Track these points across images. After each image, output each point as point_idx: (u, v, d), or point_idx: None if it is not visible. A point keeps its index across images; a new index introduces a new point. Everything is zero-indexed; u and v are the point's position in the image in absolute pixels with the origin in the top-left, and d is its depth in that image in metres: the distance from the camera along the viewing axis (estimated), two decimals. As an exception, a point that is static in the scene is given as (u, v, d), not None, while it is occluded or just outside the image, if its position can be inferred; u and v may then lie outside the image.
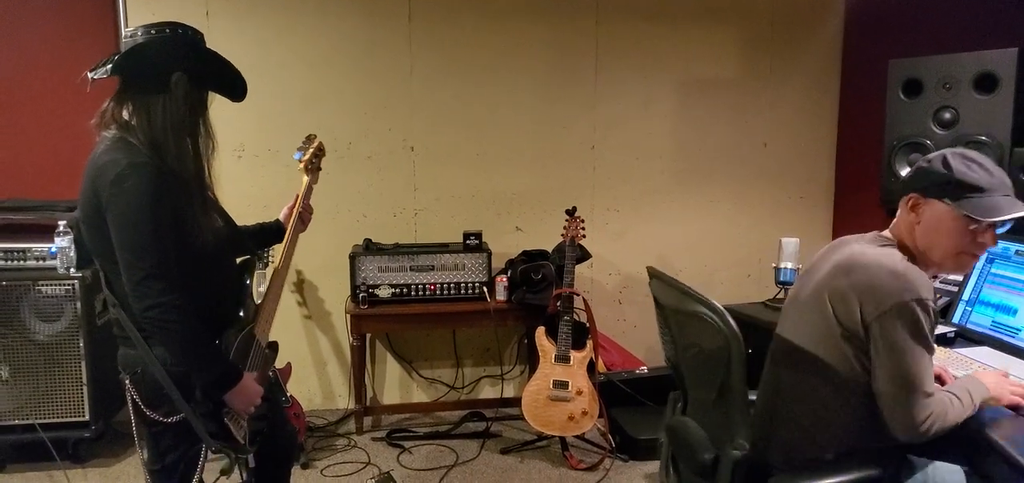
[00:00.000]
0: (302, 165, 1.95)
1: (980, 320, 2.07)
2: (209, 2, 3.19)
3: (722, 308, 1.47)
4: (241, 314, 1.69)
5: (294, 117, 3.27)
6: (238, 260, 1.79)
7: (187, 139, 1.55)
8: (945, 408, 1.44)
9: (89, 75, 1.51)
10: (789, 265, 2.73)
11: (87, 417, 2.81)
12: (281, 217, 1.97)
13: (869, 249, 1.51)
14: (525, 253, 3.37)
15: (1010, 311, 2.00)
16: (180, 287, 1.46)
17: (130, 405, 1.59)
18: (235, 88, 1.71)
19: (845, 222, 3.80)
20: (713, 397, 1.56)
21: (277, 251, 1.91)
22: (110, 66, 1.50)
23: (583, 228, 3.21)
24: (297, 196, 1.95)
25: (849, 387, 1.48)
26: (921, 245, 1.52)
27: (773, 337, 1.69)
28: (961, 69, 2.50)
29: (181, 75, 1.52)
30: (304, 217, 2.00)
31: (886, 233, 1.58)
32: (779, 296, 2.72)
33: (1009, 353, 1.91)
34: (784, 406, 1.60)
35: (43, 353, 2.76)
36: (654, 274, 1.75)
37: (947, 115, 2.56)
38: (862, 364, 1.46)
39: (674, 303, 1.65)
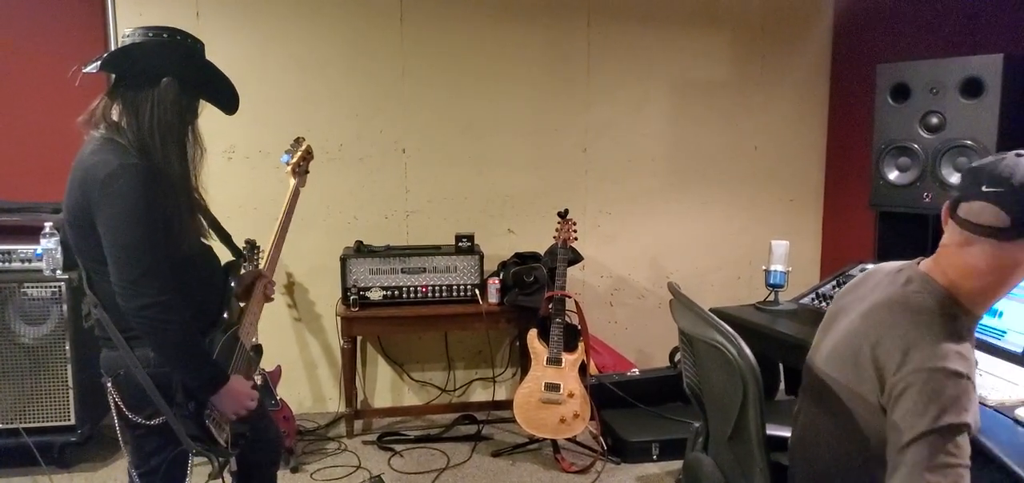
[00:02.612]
0: (290, 168, 1.95)
1: (967, 322, 2.09)
2: (199, 3, 3.17)
3: (739, 339, 1.30)
4: (225, 316, 1.68)
5: (285, 119, 3.25)
6: (223, 263, 1.78)
7: (174, 143, 1.54)
8: None
9: (84, 69, 1.51)
10: (779, 268, 2.74)
11: (73, 421, 2.77)
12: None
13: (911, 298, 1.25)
14: (517, 255, 3.37)
15: (995, 313, 2.02)
16: (173, 288, 1.46)
17: (113, 408, 1.58)
18: (228, 101, 1.70)
19: (835, 225, 3.83)
20: (728, 434, 1.43)
21: (264, 254, 1.90)
22: (98, 62, 1.50)
23: (575, 230, 3.21)
24: (284, 206, 1.93)
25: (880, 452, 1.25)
26: (981, 288, 1.23)
27: (805, 366, 1.47)
28: (948, 74, 2.53)
29: (170, 79, 1.52)
30: (267, 291, 1.86)
31: (925, 270, 1.29)
32: (769, 298, 2.74)
33: (994, 355, 1.92)
34: (812, 446, 1.43)
35: (28, 356, 2.72)
36: (674, 293, 1.59)
37: (934, 119, 2.59)
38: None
39: (689, 327, 1.51)
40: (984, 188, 1.18)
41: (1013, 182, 1.16)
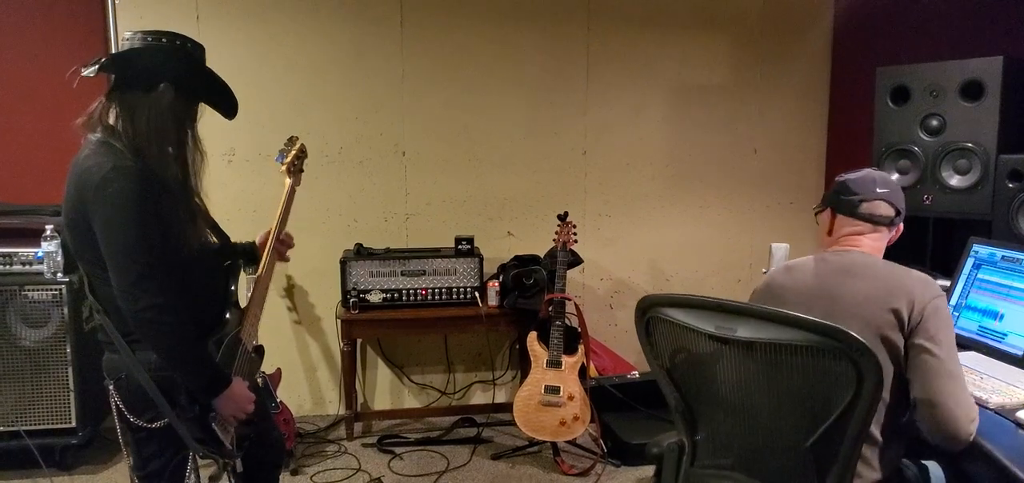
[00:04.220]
0: (284, 167, 1.95)
1: (967, 325, 2.09)
2: (199, 6, 3.18)
3: (845, 328, 1.20)
4: (227, 319, 1.69)
5: (285, 122, 3.26)
6: (224, 265, 1.78)
7: (170, 148, 1.54)
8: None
9: (83, 71, 1.52)
10: (779, 270, 2.74)
11: (74, 424, 2.78)
12: (257, 241, 1.92)
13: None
14: (517, 258, 3.37)
15: (996, 316, 2.01)
16: (172, 290, 1.46)
17: (114, 411, 1.58)
18: (228, 106, 1.71)
19: (834, 228, 3.82)
20: (802, 443, 1.30)
21: (261, 258, 1.90)
22: (96, 65, 1.50)
23: (575, 233, 3.21)
24: (281, 205, 1.93)
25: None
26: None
27: None
28: (948, 77, 2.53)
29: (167, 85, 1.53)
30: (283, 246, 1.92)
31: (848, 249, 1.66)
32: (769, 301, 2.74)
33: (995, 357, 1.92)
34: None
35: (29, 359, 2.73)
36: (737, 310, 1.34)
37: (934, 122, 2.59)
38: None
39: (770, 336, 1.28)
40: (878, 190, 1.64)
41: (891, 184, 1.67)
